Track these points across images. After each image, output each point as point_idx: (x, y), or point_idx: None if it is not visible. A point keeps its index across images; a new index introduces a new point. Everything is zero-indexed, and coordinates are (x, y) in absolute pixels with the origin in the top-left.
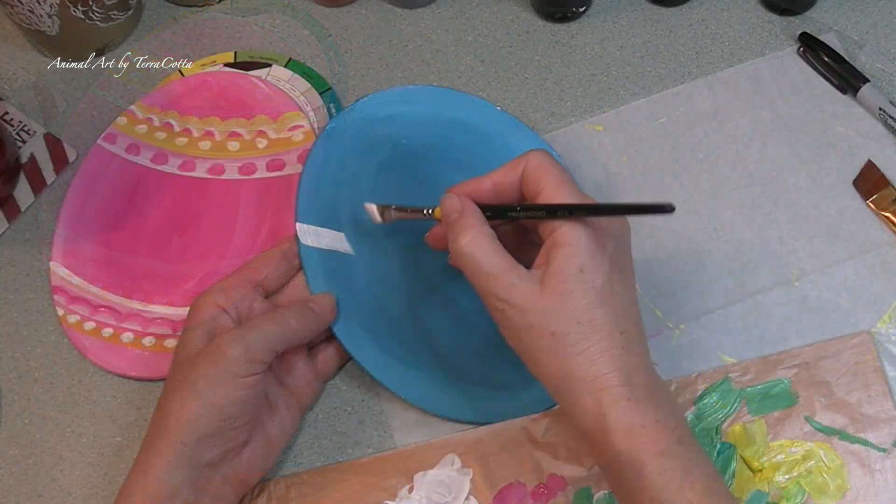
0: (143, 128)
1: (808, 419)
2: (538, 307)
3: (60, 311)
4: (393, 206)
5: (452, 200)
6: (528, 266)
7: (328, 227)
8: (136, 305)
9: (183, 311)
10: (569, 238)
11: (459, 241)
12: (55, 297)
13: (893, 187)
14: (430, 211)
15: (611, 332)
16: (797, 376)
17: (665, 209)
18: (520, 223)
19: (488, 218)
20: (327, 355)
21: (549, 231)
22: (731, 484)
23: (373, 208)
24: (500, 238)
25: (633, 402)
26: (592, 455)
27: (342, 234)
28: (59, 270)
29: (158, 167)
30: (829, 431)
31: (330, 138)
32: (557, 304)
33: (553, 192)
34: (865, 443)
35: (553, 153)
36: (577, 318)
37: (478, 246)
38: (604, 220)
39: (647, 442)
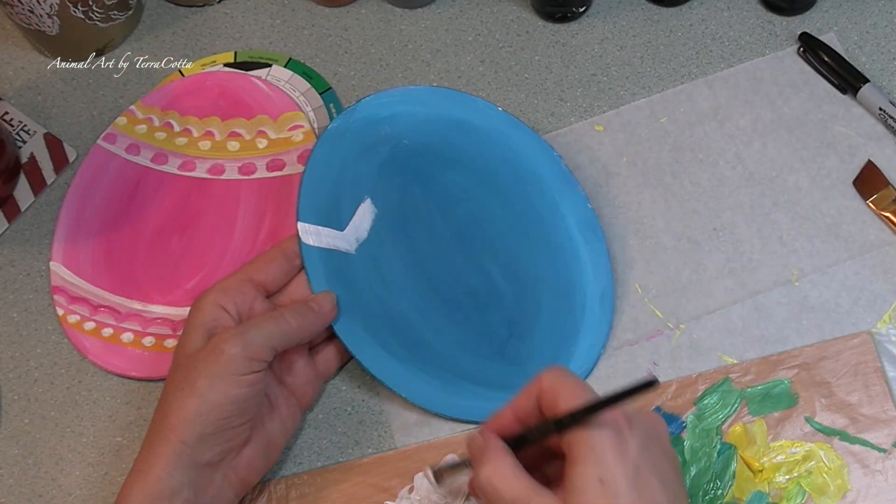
0: (143, 128)
1: (808, 420)
2: None
3: (60, 311)
4: (446, 466)
5: (475, 439)
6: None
7: (329, 227)
8: (136, 305)
9: (183, 311)
10: (582, 450)
11: (481, 473)
12: (55, 297)
13: (893, 187)
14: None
15: None
16: (797, 377)
17: (651, 385)
18: (551, 447)
19: (514, 448)
20: (328, 355)
21: (567, 446)
22: (731, 485)
23: (430, 475)
24: (538, 465)
25: None
26: None
27: (343, 233)
28: (59, 270)
29: (158, 167)
30: (829, 432)
31: (332, 138)
32: None
33: (567, 407)
34: (865, 443)
35: (554, 154)
36: None
37: (498, 476)
38: (622, 419)
39: None
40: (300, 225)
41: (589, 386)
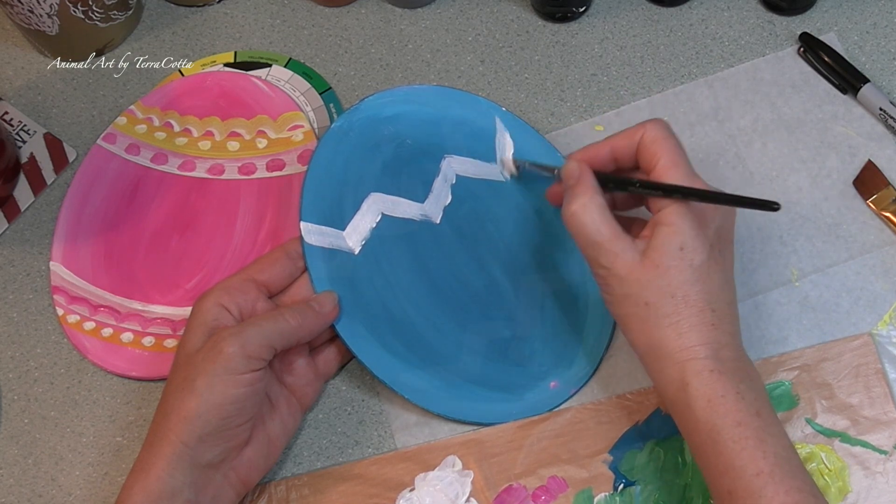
0: (143, 128)
1: (809, 421)
2: (636, 278)
3: (60, 311)
4: (527, 162)
5: (571, 166)
6: (635, 234)
7: (332, 227)
8: (136, 305)
9: (183, 311)
10: (673, 218)
11: (571, 207)
12: (55, 297)
13: (893, 187)
14: (558, 171)
15: (702, 308)
16: (798, 378)
17: (771, 206)
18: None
19: (609, 189)
20: (329, 355)
21: (657, 207)
22: None
23: (509, 161)
24: (615, 202)
25: (717, 374)
26: (676, 422)
27: (345, 232)
28: (59, 270)
29: (158, 167)
30: (830, 434)
31: (335, 137)
32: (654, 276)
33: (665, 170)
34: (866, 445)
35: (557, 154)
36: (671, 291)
37: (587, 214)
38: (710, 205)
39: (726, 412)
40: (303, 224)
41: (685, 153)
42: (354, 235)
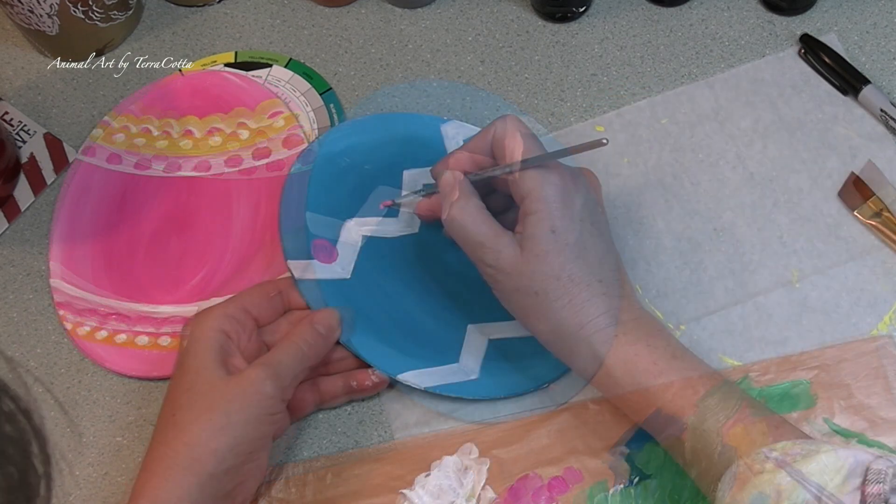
0: (142, 128)
1: (826, 421)
2: (520, 270)
3: (60, 312)
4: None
5: (446, 176)
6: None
7: (337, 217)
8: (135, 306)
9: (182, 310)
10: (537, 205)
11: (451, 212)
12: (54, 297)
13: (893, 188)
14: (428, 187)
15: (589, 283)
16: (817, 378)
17: (599, 143)
18: (505, 193)
19: (478, 187)
20: (330, 382)
21: (521, 198)
22: (731, 485)
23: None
24: (490, 205)
25: (622, 336)
26: (604, 394)
27: (351, 224)
28: (59, 271)
29: (157, 167)
30: (847, 434)
31: (344, 130)
32: (535, 265)
33: (512, 155)
34: (882, 447)
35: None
36: (555, 275)
37: (467, 216)
38: (569, 179)
39: (644, 367)
40: (308, 214)
41: (534, 139)
42: (359, 227)
